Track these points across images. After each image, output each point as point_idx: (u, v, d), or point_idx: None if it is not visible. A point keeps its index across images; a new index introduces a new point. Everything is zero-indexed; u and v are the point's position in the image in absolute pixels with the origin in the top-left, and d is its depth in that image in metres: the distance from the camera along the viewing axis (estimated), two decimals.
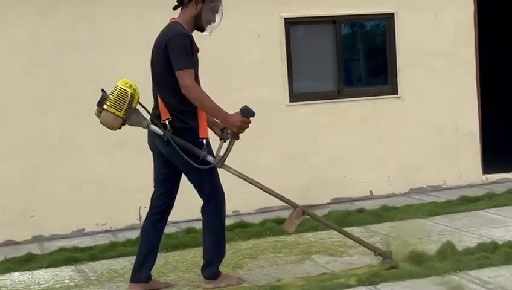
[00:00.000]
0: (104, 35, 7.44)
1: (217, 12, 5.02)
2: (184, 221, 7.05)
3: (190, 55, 4.80)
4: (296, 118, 7.02)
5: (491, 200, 7.49)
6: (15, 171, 7.17)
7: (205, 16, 4.95)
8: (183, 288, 5.22)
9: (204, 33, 5.04)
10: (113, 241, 6.76)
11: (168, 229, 6.77)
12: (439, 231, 6.37)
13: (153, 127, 4.86)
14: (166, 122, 4.83)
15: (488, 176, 8.65)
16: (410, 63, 8.35)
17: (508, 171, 8.83)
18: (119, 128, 4.89)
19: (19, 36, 7.20)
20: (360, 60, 8.51)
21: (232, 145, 4.96)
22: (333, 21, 8.17)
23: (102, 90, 4.84)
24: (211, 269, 5.05)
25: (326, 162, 7.95)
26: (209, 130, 5.05)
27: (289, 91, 7.89)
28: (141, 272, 5.08)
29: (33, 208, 7.25)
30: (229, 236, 5.83)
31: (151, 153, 7.24)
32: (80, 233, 7.34)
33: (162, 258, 5.83)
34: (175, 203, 5.12)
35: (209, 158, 4.85)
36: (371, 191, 8.22)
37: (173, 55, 4.75)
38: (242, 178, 5.07)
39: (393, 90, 8.38)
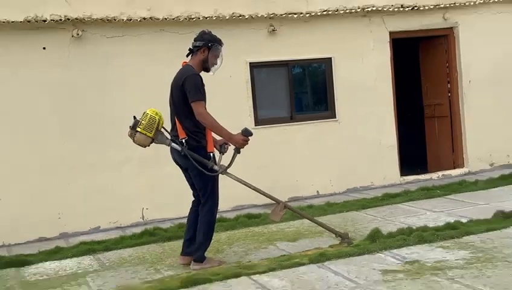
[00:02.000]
0: (115, 79, 7.41)
1: (219, 57, 5.10)
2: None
3: (201, 90, 4.91)
4: (260, 138, 7.06)
5: (406, 196, 7.58)
6: (46, 183, 7.13)
7: (210, 60, 5.05)
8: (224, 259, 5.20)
9: (209, 73, 5.14)
10: (122, 235, 6.75)
11: (164, 225, 6.80)
12: (369, 220, 6.46)
13: (173, 144, 4.97)
14: (183, 140, 4.91)
15: (405, 177, 8.78)
16: (345, 94, 8.45)
17: (418, 174, 8.97)
18: (149, 146, 4.98)
19: (46, 80, 7.15)
20: (307, 93, 8.58)
21: (235, 158, 5.08)
22: (286, 64, 8.25)
23: (134, 117, 4.93)
24: (198, 254, 5.07)
25: (283, 170, 8.03)
26: None
27: (254, 117, 7.98)
28: (190, 247, 5.20)
29: (60, 212, 7.19)
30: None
31: (149, 167, 7.31)
32: (97, 230, 7.30)
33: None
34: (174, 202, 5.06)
35: (215, 167, 4.98)
36: (317, 191, 8.29)
37: (188, 91, 4.83)
38: (240, 182, 5.21)
39: (333, 115, 8.46)
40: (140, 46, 7.51)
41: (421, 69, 9.61)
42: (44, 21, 7.03)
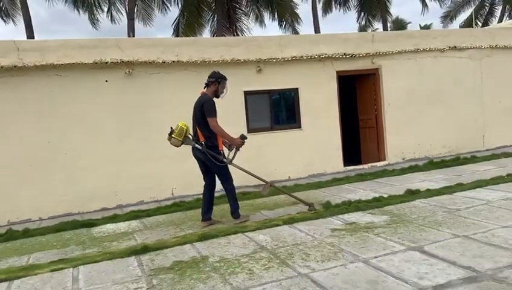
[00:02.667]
0: (154, 102, 7.37)
1: (225, 88, 5.19)
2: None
3: (214, 109, 4.96)
4: (251, 141, 7.03)
5: (347, 179, 7.55)
6: (107, 172, 7.09)
7: (220, 90, 5.16)
8: (227, 222, 5.27)
9: (219, 98, 5.19)
10: (159, 206, 6.69)
11: (187, 199, 6.73)
12: (323, 196, 6.44)
13: (196, 145, 5.02)
14: (203, 142, 5.00)
15: (346, 167, 8.76)
16: (307, 112, 8.44)
17: (355, 165, 8.97)
18: (180, 146, 5.06)
19: (109, 102, 7.12)
20: (282, 111, 8.56)
21: (236, 154, 5.14)
22: (268, 92, 8.23)
23: (171, 128, 5.02)
24: (235, 214, 5.25)
25: (266, 163, 8.01)
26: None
27: (247, 127, 7.95)
28: (207, 214, 5.25)
29: (116, 191, 7.13)
30: (217, 201, 5.84)
31: (178, 161, 7.28)
32: (141, 203, 7.26)
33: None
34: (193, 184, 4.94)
35: (224, 160, 5.05)
36: (289, 176, 8.27)
37: (206, 110, 4.91)
38: (242, 169, 5.23)
39: (299, 126, 8.43)
40: (171, 81, 7.47)
41: (357, 95, 9.63)
42: (106, 63, 6.99)
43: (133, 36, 16.69)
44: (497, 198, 5.25)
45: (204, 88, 5.18)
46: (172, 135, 4.97)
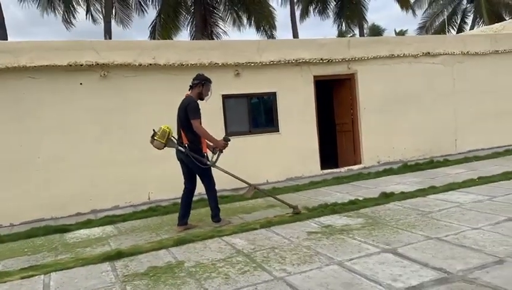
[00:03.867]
0: (132, 103, 7.27)
1: (210, 90, 5.18)
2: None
3: (198, 112, 4.95)
4: (229, 144, 7.00)
5: (325, 183, 7.60)
6: (82, 176, 6.91)
7: (204, 93, 5.14)
8: (204, 226, 5.24)
9: (203, 101, 5.18)
10: (134, 211, 6.59)
11: (163, 203, 6.64)
12: (300, 199, 6.46)
13: (180, 147, 4.97)
14: (186, 145, 4.95)
15: (323, 171, 8.82)
16: (285, 116, 8.47)
17: (332, 168, 9.03)
18: (163, 149, 4.99)
19: (83, 105, 6.98)
20: (261, 115, 8.57)
21: (219, 156, 5.13)
22: (246, 96, 8.23)
23: (153, 130, 4.95)
24: (216, 218, 5.21)
25: (244, 166, 7.94)
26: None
27: (225, 130, 7.91)
28: (184, 219, 5.17)
29: (91, 195, 7.01)
30: (194, 206, 5.78)
31: (156, 164, 7.19)
32: (117, 207, 7.13)
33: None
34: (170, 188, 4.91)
35: (208, 163, 5.01)
36: (267, 180, 8.26)
37: (190, 112, 4.88)
38: (225, 172, 5.17)
39: (277, 130, 8.45)
40: (147, 83, 7.38)
41: (334, 99, 9.74)
42: (81, 65, 6.85)
43: (110, 38, 16.43)
44: (469, 200, 5.37)
45: (189, 90, 5.15)
46: (155, 137, 4.93)
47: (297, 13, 22.42)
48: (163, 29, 19.68)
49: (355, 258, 3.64)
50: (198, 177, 5.18)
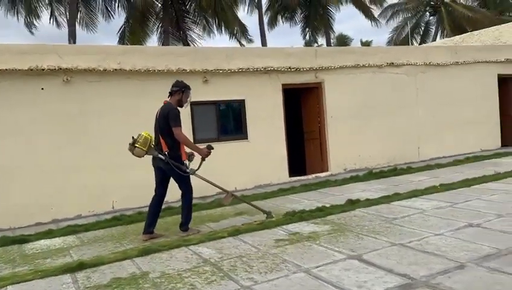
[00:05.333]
0: (96, 109, 7.06)
1: (189, 97, 5.12)
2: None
3: (179, 119, 4.87)
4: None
5: (293, 190, 7.61)
6: (43, 184, 6.65)
7: (183, 99, 5.08)
8: (171, 235, 5.14)
9: (182, 108, 5.10)
10: (98, 220, 6.39)
11: (128, 212, 6.47)
12: (269, 207, 6.40)
13: (159, 155, 4.87)
14: (166, 152, 4.86)
15: (292, 178, 8.87)
16: (253, 123, 8.48)
17: (300, 175, 9.10)
18: (143, 157, 4.88)
19: (45, 110, 6.70)
20: (229, 122, 8.53)
21: (201, 164, 5.07)
22: (214, 103, 8.18)
23: (133, 137, 4.83)
24: (185, 226, 5.13)
25: (212, 174, 7.79)
26: None
27: (193, 138, 7.81)
28: (150, 227, 5.05)
29: (52, 204, 6.74)
30: (161, 214, 5.65)
31: (120, 172, 7.02)
32: (79, 217, 6.88)
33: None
34: (135, 197, 4.85)
35: (188, 170, 4.95)
36: (235, 187, 8.16)
37: (171, 119, 4.80)
38: (204, 179, 5.16)
39: (245, 137, 8.44)
40: (112, 89, 7.20)
41: (302, 107, 9.84)
42: (43, 70, 6.62)
43: (74, 43, 15.99)
44: (431, 207, 5.53)
45: (168, 97, 5.08)
46: (136, 145, 4.80)
47: (266, 21, 22.64)
48: (132, 34, 19.38)
49: (321, 266, 3.66)
50: (169, 185, 5.11)
